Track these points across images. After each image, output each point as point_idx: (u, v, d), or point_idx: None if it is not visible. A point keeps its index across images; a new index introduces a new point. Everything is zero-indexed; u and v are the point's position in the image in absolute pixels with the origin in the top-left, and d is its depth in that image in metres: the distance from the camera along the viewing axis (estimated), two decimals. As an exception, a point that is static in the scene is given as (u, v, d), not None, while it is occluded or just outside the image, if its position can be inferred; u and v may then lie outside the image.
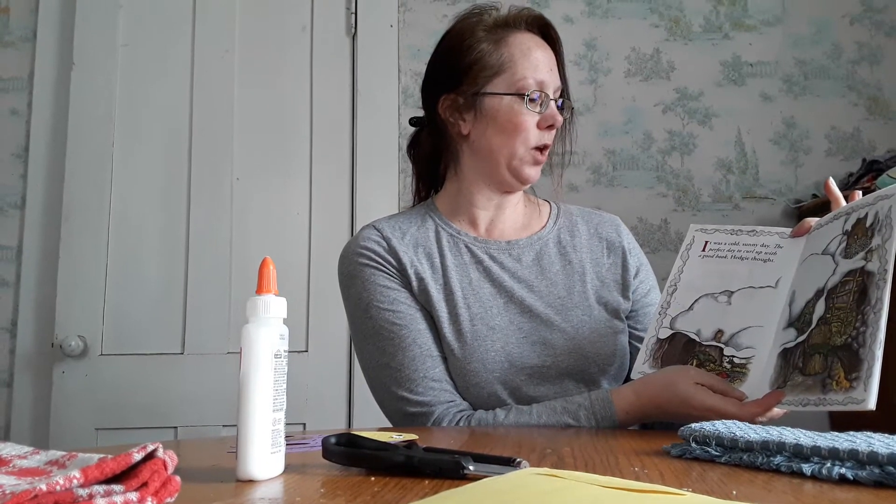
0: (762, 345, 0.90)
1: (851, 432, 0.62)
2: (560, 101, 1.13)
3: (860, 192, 0.91)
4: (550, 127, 1.10)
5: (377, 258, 1.10)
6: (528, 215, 1.21)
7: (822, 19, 2.14)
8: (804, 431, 0.64)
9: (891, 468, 0.51)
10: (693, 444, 0.66)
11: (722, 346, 0.94)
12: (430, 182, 1.25)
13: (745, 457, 0.61)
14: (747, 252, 1.00)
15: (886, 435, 0.61)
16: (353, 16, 2.15)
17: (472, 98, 1.11)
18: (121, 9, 2.10)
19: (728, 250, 1.01)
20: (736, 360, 0.91)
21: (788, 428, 0.67)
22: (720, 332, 0.95)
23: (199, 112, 2.09)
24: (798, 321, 0.87)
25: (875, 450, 0.53)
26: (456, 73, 1.12)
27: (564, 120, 1.16)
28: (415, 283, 1.09)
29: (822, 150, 2.09)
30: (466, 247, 1.13)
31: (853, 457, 0.54)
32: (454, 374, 1.06)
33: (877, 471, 0.52)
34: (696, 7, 2.16)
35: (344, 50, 2.15)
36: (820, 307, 0.84)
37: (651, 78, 2.13)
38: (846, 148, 2.09)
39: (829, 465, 0.55)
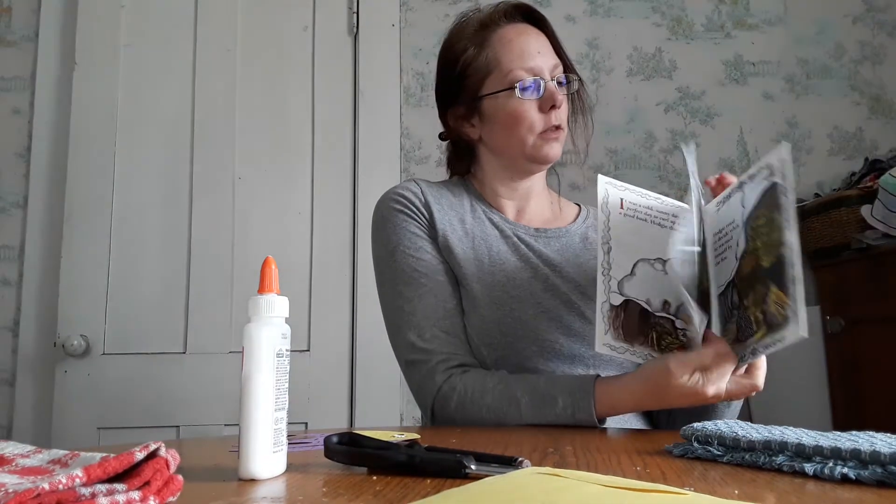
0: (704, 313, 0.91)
1: (854, 432, 0.62)
2: (564, 76, 1.13)
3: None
4: (553, 107, 1.10)
5: (412, 207, 1.13)
6: (553, 210, 1.23)
7: (824, 19, 2.13)
8: (806, 431, 0.64)
9: (893, 468, 0.51)
10: (695, 444, 0.66)
11: (672, 317, 0.94)
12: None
13: (747, 456, 0.61)
14: (662, 220, 0.99)
15: (889, 434, 0.61)
16: (355, 15, 2.15)
17: (472, 104, 1.15)
18: (123, 8, 2.11)
19: (645, 214, 1.00)
20: (688, 334, 0.91)
21: (791, 427, 0.67)
22: (667, 302, 0.95)
23: (201, 112, 2.09)
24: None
25: (878, 449, 0.53)
26: (453, 86, 1.16)
27: (577, 92, 1.18)
28: (440, 239, 1.11)
29: (825, 149, 2.08)
30: (496, 225, 1.16)
31: (856, 456, 0.54)
32: (468, 332, 1.07)
33: (879, 470, 0.52)
34: (698, 6, 2.15)
35: (346, 49, 2.15)
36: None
37: (653, 77, 2.13)
38: (848, 147, 2.08)
39: (831, 464, 0.55)
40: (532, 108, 1.10)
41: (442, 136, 1.27)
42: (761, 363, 0.89)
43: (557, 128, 1.12)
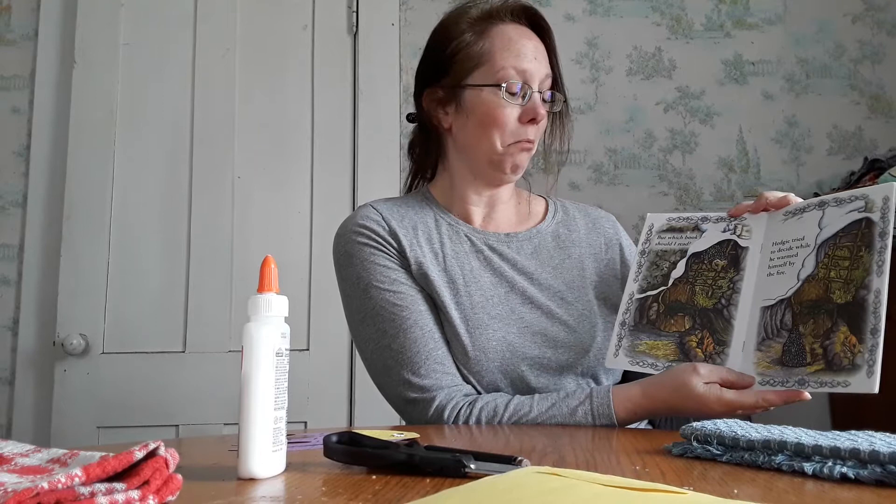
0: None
1: (853, 431, 0.62)
2: (549, 93, 1.10)
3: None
4: (532, 121, 1.07)
5: (377, 237, 1.08)
6: (520, 211, 1.19)
7: (823, 18, 2.13)
8: (805, 430, 0.64)
9: (892, 467, 0.51)
10: (694, 443, 0.66)
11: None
12: (424, 177, 1.24)
13: (746, 456, 0.61)
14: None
15: (888, 434, 0.61)
16: (355, 14, 2.14)
17: (452, 91, 1.09)
18: (122, 7, 2.10)
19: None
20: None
21: (790, 427, 0.67)
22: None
23: (201, 110, 2.09)
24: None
25: (877, 449, 0.53)
26: (439, 66, 1.11)
27: (559, 113, 1.14)
28: (414, 267, 1.07)
29: (824, 148, 2.08)
30: (466, 236, 1.12)
31: (855, 456, 0.54)
32: (455, 360, 1.05)
33: (878, 470, 0.52)
34: (697, 5, 2.15)
35: (345, 48, 2.15)
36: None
37: (653, 76, 2.13)
38: (848, 147, 2.08)
39: (830, 464, 0.55)
40: (512, 114, 1.06)
41: (410, 118, 1.22)
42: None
43: (529, 142, 1.08)
